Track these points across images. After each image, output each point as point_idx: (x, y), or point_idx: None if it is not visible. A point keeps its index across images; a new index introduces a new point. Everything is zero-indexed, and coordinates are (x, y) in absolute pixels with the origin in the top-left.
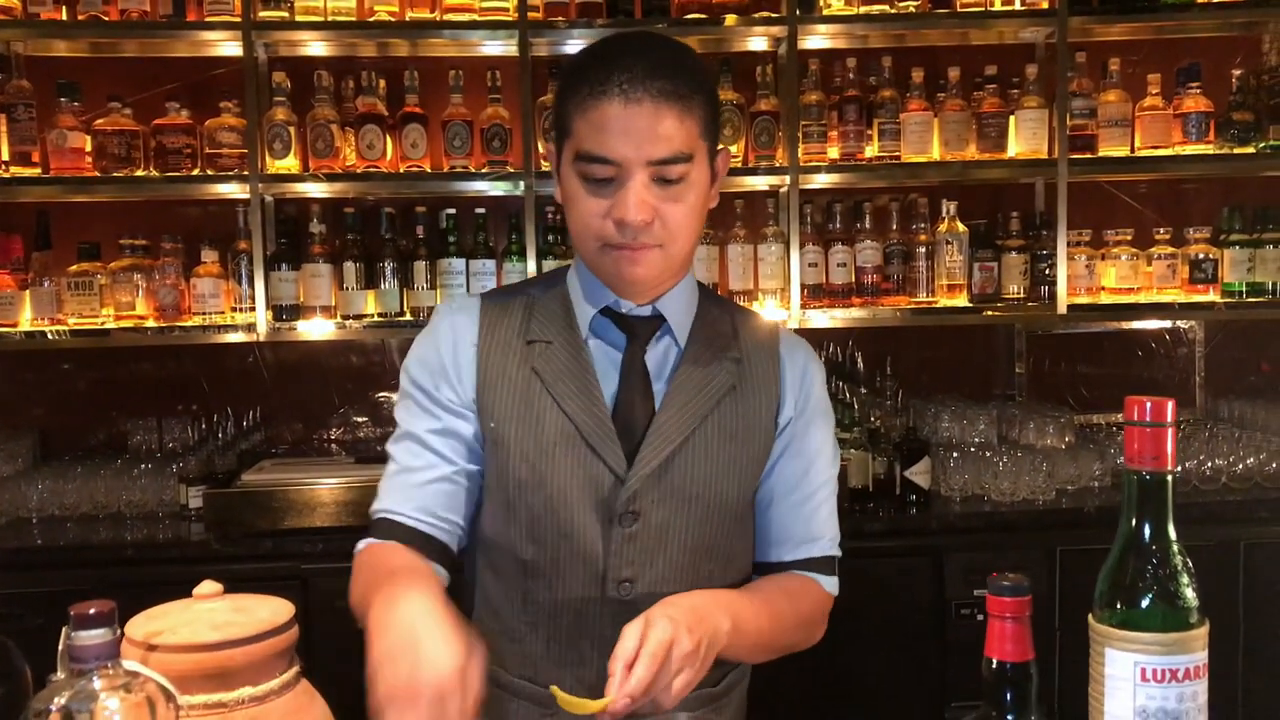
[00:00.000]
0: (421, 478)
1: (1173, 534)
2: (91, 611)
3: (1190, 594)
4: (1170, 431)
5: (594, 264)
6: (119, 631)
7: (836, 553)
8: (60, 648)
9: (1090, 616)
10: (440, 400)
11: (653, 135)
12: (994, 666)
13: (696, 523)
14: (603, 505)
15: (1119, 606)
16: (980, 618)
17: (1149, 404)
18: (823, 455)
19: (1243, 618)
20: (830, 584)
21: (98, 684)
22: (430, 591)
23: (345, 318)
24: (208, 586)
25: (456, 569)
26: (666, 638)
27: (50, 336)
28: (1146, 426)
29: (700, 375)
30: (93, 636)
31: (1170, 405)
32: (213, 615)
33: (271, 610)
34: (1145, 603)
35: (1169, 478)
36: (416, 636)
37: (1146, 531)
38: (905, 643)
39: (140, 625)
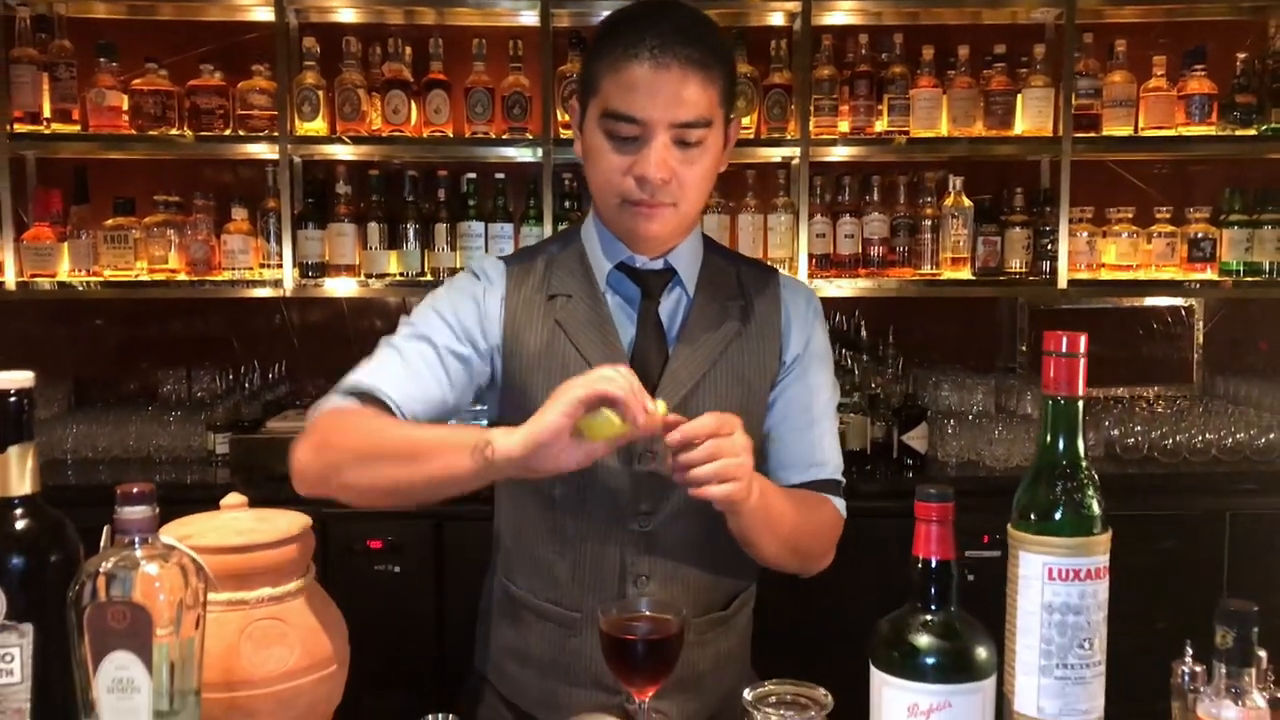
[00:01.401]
0: (422, 385)
1: (1082, 452)
2: (135, 490)
3: (1095, 505)
4: (1082, 362)
5: (612, 219)
6: (157, 510)
7: (841, 479)
8: (102, 543)
9: (1009, 525)
10: (469, 331)
11: (678, 99)
12: (920, 565)
13: None
14: (623, 446)
15: (1032, 516)
16: (971, 577)
17: (1065, 337)
18: (824, 388)
19: (1226, 585)
20: (840, 504)
21: (139, 553)
22: None
23: (368, 276)
24: (233, 498)
25: None
26: (737, 420)
27: (80, 288)
28: (1062, 356)
29: (709, 322)
30: (136, 512)
31: (1083, 339)
32: (237, 523)
33: (290, 521)
34: (1054, 511)
35: (1079, 403)
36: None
37: (1059, 449)
38: (897, 598)
39: (171, 530)
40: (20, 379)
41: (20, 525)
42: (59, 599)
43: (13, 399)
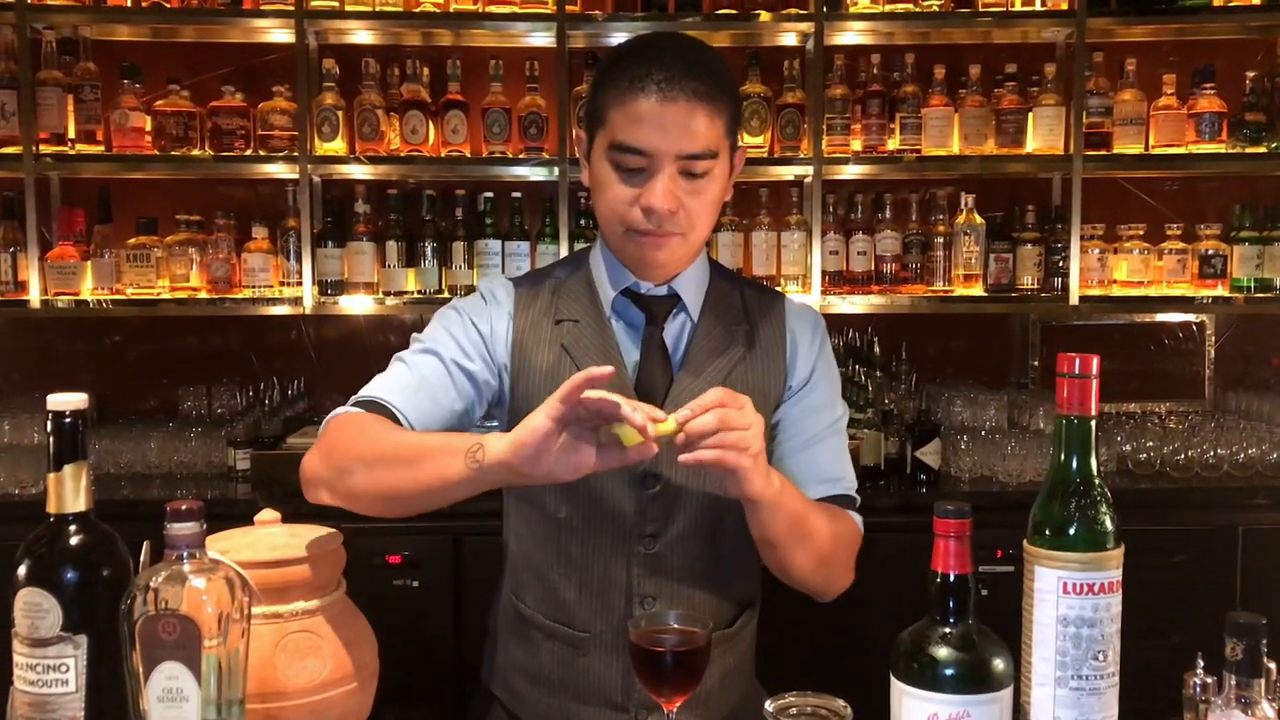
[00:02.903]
0: (430, 396)
1: (1095, 469)
2: (184, 508)
3: (1107, 521)
4: (1094, 383)
5: (619, 248)
6: (204, 526)
7: (857, 496)
8: (142, 559)
9: (1025, 541)
10: (476, 346)
11: (685, 131)
12: (938, 579)
13: (713, 482)
14: (628, 469)
15: (1047, 532)
16: (985, 592)
17: (1078, 359)
18: (833, 407)
19: (1239, 600)
20: (858, 520)
21: (187, 567)
22: None
23: (386, 294)
24: (267, 514)
25: None
26: (745, 398)
27: (102, 306)
28: (1075, 378)
29: (713, 347)
30: (184, 528)
31: (1095, 360)
32: (271, 538)
33: (322, 536)
34: (1069, 527)
35: (1092, 422)
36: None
37: (1073, 467)
38: (910, 615)
39: (209, 545)
40: (74, 400)
41: (74, 540)
42: (111, 611)
43: (68, 419)
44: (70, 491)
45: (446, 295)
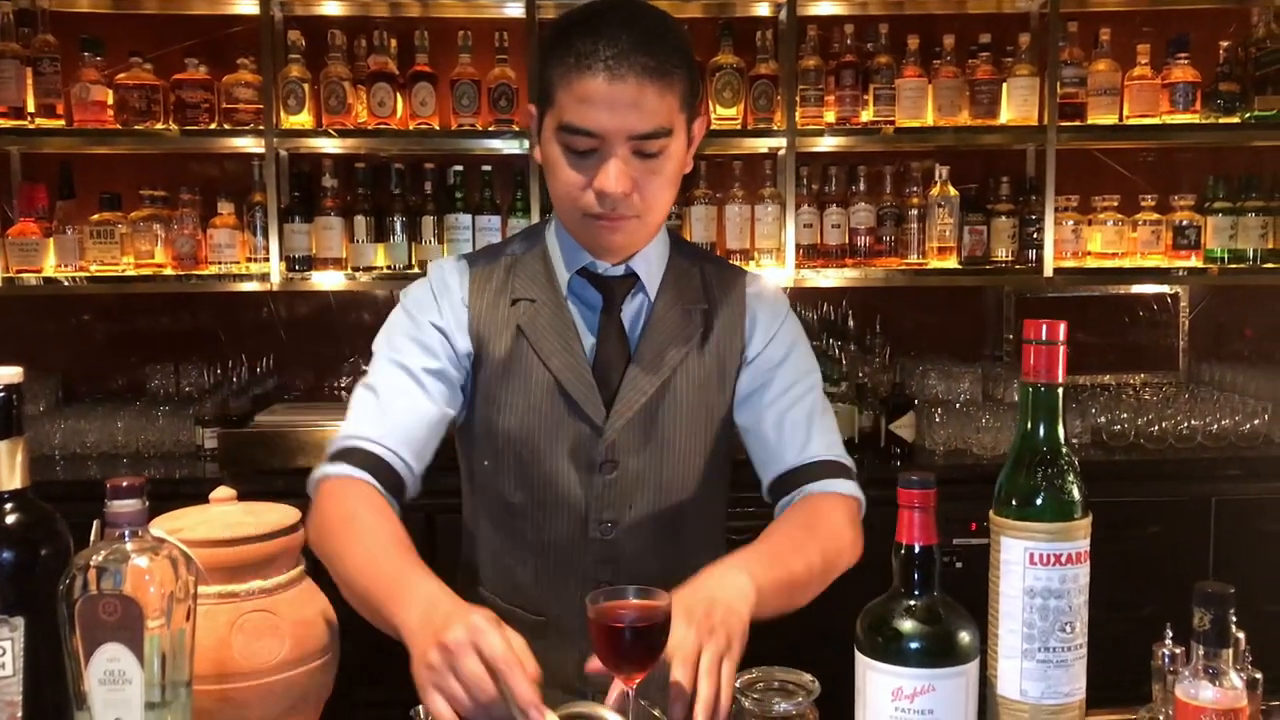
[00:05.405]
0: (409, 413)
1: (1061, 438)
2: (125, 484)
3: (1075, 490)
4: (1061, 349)
5: (574, 230)
6: (147, 503)
7: (846, 460)
8: (92, 538)
9: (991, 511)
10: (436, 343)
11: (635, 111)
12: (903, 551)
13: (671, 467)
14: (583, 454)
15: (1013, 502)
16: (959, 565)
17: (1044, 326)
18: (807, 376)
19: (1212, 570)
20: (847, 486)
21: (130, 546)
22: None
23: (355, 269)
24: (222, 492)
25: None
26: (712, 651)
27: (67, 283)
28: (1042, 344)
29: (670, 327)
30: (126, 505)
31: (1062, 326)
32: (227, 517)
33: (280, 514)
34: (1035, 497)
35: (1059, 389)
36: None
37: (1040, 435)
38: (883, 587)
39: (162, 524)
40: (8, 374)
41: (11, 519)
42: (50, 592)
43: (1, 394)
44: (5, 469)
45: (417, 270)
